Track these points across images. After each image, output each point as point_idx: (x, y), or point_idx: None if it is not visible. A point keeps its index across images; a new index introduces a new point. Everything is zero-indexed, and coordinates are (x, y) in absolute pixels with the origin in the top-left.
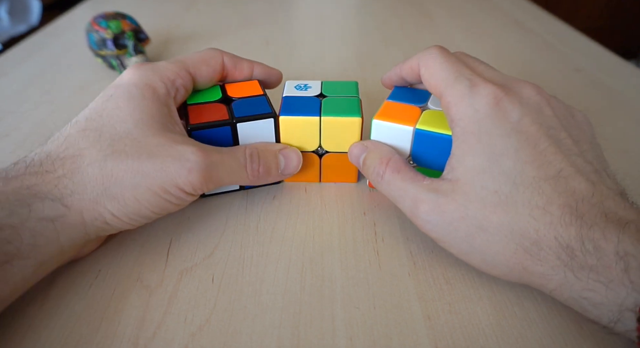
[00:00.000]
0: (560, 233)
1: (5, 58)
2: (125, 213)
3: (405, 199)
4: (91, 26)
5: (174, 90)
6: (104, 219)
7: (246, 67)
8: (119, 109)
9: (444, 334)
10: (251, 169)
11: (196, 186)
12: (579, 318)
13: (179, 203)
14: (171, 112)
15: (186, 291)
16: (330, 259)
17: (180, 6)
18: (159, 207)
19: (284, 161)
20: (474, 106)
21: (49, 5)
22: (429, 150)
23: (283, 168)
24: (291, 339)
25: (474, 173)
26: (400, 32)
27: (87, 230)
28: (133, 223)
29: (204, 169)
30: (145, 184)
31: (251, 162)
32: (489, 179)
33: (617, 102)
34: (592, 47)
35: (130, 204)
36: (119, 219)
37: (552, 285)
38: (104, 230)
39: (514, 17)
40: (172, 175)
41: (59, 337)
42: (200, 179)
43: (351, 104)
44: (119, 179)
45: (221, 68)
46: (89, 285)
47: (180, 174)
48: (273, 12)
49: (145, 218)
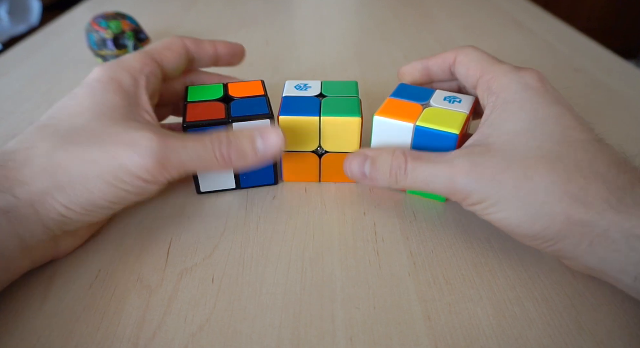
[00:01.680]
0: (608, 178)
1: (5, 58)
2: (77, 203)
3: (439, 178)
4: (91, 26)
5: (143, 79)
6: (57, 211)
7: (208, 46)
8: (79, 105)
9: (444, 334)
10: (220, 154)
11: (153, 173)
12: (579, 318)
13: (139, 191)
14: (139, 100)
15: (186, 291)
16: (330, 259)
17: (180, 6)
18: (115, 196)
19: (262, 142)
20: (519, 80)
21: (49, 5)
22: (429, 147)
23: (263, 150)
24: (291, 339)
25: (514, 135)
26: (400, 32)
27: (45, 223)
28: (92, 214)
29: (158, 154)
30: (95, 172)
31: (219, 146)
32: (531, 138)
33: (617, 102)
34: (592, 47)
35: (81, 195)
36: (73, 210)
37: (598, 231)
38: (65, 224)
39: (513, 17)
40: (123, 162)
41: (59, 337)
42: (154, 164)
43: (351, 104)
44: (67, 169)
45: (185, 51)
46: (89, 285)
47: (132, 160)
48: (273, 12)
49: (104, 208)
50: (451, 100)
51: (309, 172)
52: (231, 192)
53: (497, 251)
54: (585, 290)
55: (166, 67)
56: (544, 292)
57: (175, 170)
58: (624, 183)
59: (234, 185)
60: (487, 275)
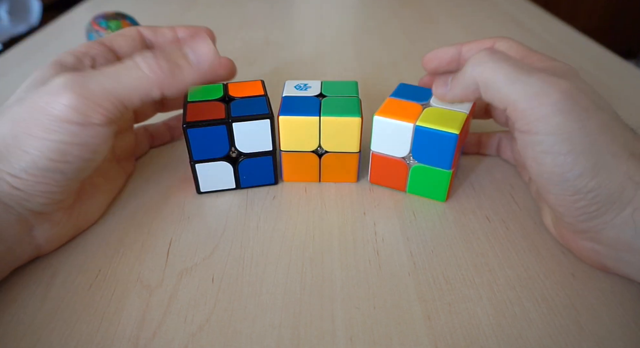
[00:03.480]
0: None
1: (5, 58)
2: (20, 169)
3: (531, 86)
4: (91, 26)
5: (87, 59)
6: (7, 183)
7: (167, 31)
8: (20, 89)
9: (444, 334)
10: (147, 65)
11: (80, 108)
12: (579, 318)
13: (79, 140)
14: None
15: (186, 291)
16: (330, 259)
17: (180, 6)
18: (54, 152)
19: (192, 52)
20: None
21: (49, 5)
22: (429, 147)
23: (197, 61)
24: (291, 339)
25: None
26: (400, 32)
27: (3, 200)
28: (43, 180)
29: (75, 84)
30: (22, 130)
31: (144, 59)
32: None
33: (617, 102)
34: (592, 47)
35: (19, 158)
36: (20, 178)
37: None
38: (23, 198)
39: (513, 17)
40: (44, 108)
41: (59, 337)
42: (75, 97)
43: (351, 104)
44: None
45: (139, 36)
46: (89, 285)
47: (51, 103)
48: (273, 12)
49: (51, 170)
50: None
51: (309, 172)
52: (231, 192)
53: (497, 251)
54: (585, 290)
55: (120, 52)
56: (544, 292)
57: (107, 101)
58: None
59: (234, 185)
60: (487, 275)
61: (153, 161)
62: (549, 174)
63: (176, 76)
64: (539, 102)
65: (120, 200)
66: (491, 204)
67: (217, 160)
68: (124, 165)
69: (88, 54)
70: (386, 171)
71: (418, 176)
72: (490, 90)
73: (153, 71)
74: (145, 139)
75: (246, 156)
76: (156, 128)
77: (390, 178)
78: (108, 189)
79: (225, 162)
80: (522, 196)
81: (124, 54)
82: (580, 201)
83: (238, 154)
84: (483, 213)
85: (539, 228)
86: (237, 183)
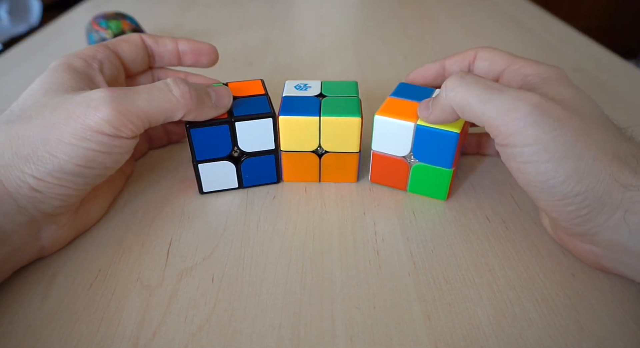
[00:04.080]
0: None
1: (5, 58)
2: (45, 171)
3: (501, 103)
4: (91, 26)
5: (96, 62)
6: (28, 184)
7: (169, 42)
8: (32, 89)
9: (444, 334)
10: (179, 91)
11: (114, 123)
12: (579, 318)
13: (106, 149)
14: (93, 79)
15: (186, 291)
16: (330, 259)
17: (180, 6)
18: (82, 158)
19: (214, 94)
20: (549, 68)
21: (49, 5)
22: (429, 146)
23: (216, 100)
24: (291, 339)
25: (569, 97)
26: (400, 32)
27: (18, 201)
28: (64, 184)
29: (113, 101)
30: (55, 136)
31: (176, 85)
32: (585, 104)
33: (617, 102)
34: (592, 47)
35: (46, 161)
36: (43, 181)
37: (638, 198)
38: (40, 201)
39: (513, 17)
40: (80, 118)
41: (59, 337)
42: (112, 112)
43: (351, 104)
44: (27, 139)
45: (142, 43)
46: (89, 285)
47: (88, 114)
48: (273, 12)
49: (74, 175)
50: None
51: (309, 172)
52: (231, 192)
53: (497, 251)
54: (585, 290)
55: (123, 57)
56: (544, 292)
57: (137, 118)
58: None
59: (236, 185)
60: (487, 275)
61: (152, 162)
62: (534, 182)
63: (200, 108)
64: (510, 117)
65: (120, 201)
66: (491, 204)
67: (219, 160)
68: (124, 167)
69: (96, 57)
70: (387, 171)
71: (419, 175)
72: (465, 112)
73: (184, 97)
74: (144, 141)
75: (248, 155)
76: (154, 130)
77: (391, 177)
78: (108, 190)
79: (227, 162)
80: (522, 196)
81: (128, 59)
82: (570, 205)
83: (240, 154)
84: (483, 213)
85: (539, 228)
86: (239, 182)
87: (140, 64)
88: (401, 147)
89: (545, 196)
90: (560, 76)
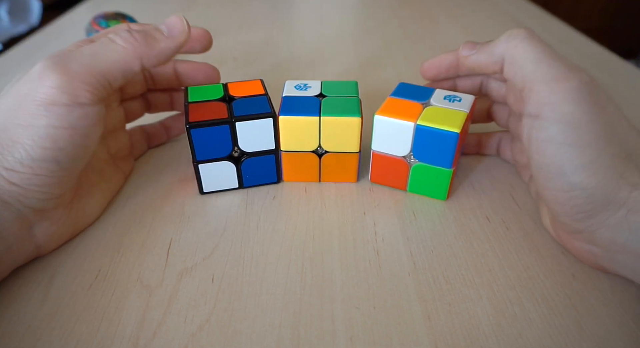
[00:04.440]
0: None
1: (5, 58)
2: (15, 161)
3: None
4: (91, 26)
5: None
6: (3, 177)
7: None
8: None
9: (444, 334)
10: (121, 39)
11: (65, 88)
12: (579, 318)
13: (68, 123)
14: None
15: (186, 291)
16: (330, 259)
17: (180, 6)
18: (45, 139)
19: (164, 26)
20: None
21: (49, 5)
22: (429, 146)
23: (168, 31)
24: (291, 339)
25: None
26: (400, 32)
27: (1, 198)
28: (39, 172)
29: (56, 66)
30: (11, 121)
31: (117, 34)
32: (603, 108)
33: (617, 102)
34: (592, 47)
35: (12, 149)
36: (16, 171)
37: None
38: (20, 194)
39: (513, 17)
40: (28, 95)
41: (59, 337)
42: (59, 77)
43: (351, 104)
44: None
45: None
46: (89, 285)
47: (35, 88)
48: (273, 12)
49: (46, 160)
50: (451, 99)
51: (309, 172)
52: (231, 192)
53: (497, 251)
54: (585, 290)
55: None
56: (544, 292)
57: (90, 77)
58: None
59: (236, 185)
60: (487, 275)
61: (152, 161)
62: (548, 165)
63: (152, 46)
64: (557, 85)
65: (120, 200)
66: (491, 204)
67: (220, 160)
68: (122, 165)
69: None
70: (387, 170)
71: (419, 175)
72: (514, 66)
73: (129, 43)
74: (143, 139)
75: (249, 155)
76: (153, 128)
77: (391, 177)
78: (106, 188)
79: (228, 162)
80: (522, 196)
81: None
82: (575, 198)
83: (241, 154)
84: (483, 213)
85: (539, 228)
86: (239, 182)
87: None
88: (401, 147)
89: (553, 185)
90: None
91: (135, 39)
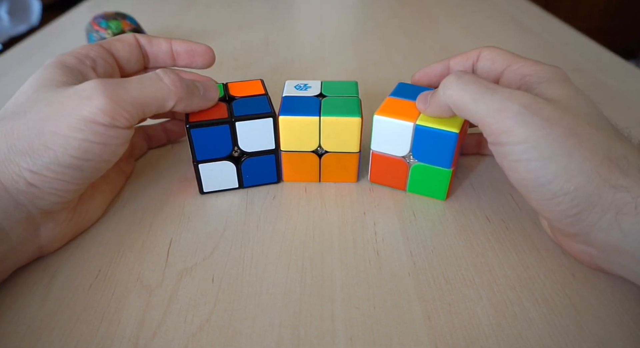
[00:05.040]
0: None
1: (5, 58)
2: (42, 165)
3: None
4: (91, 26)
5: (88, 60)
6: (25, 179)
7: (163, 43)
8: (25, 87)
9: (444, 334)
10: (169, 79)
11: (108, 111)
12: (579, 318)
13: (102, 140)
14: (84, 74)
15: (186, 291)
16: (330, 259)
17: (180, 6)
18: (77, 149)
19: (202, 86)
20: (549, 67)
21: (49, 5)
22: (429, 146)
23: (204, 92)
24: (291, 339)
25: (565, 98)
26: (400, 32)
27: (15, 197)
28: (61, 177)
29: (106, 90)
30: (49, 128)
31: (166, 74)
32: (582, 105)
33: (617, 102)
34: (592, 47)
35: (42, 154)
36: (40, 175)
37: (628, 199)
38: (37, 197)
39: (513, 17)
40: (74, 109)
41: (59, 337)
42: (106, 101)
43: (351, 104)
44: (21, 133)
45: (136, 43)
46: (89, 285)
47: (81, 105)
48: (273, 12)
49: (72, 168)
50: None
51: (309, 172)
52: (231, 192)
53: (497, 251)
54: (585, 290)
55: (117, 56)
56: (544, 292)
57: (131, 106)
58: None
59: (237, 185)
60: (487, 275)
61: (152, 162)
62: (525, 181)
63: (190, 97)
64: (501, 116)
65: (120, 200)
66: (491, 204)
67: (220, 160)
68: (122, 166)
69: (88, 55)
70: (386, 170)
71: (418, 175)
72: (460, 110)
73: (175, 86)
74: (143, 140)
75: (249, 155)
76: (153, 130)
77: (391, 177)
78: (107, 189)
79: (228, 162)
80: (522, 196)
81: (122, 58)
82: (561, 204)
83: (241, 154)
84: (483, 213)
85: (538, 228)
86: (239, 182)
87: (135, 64)
88: (400, 147)
89: (536, 195)
90: (558, 76)
91: (180, 85)
